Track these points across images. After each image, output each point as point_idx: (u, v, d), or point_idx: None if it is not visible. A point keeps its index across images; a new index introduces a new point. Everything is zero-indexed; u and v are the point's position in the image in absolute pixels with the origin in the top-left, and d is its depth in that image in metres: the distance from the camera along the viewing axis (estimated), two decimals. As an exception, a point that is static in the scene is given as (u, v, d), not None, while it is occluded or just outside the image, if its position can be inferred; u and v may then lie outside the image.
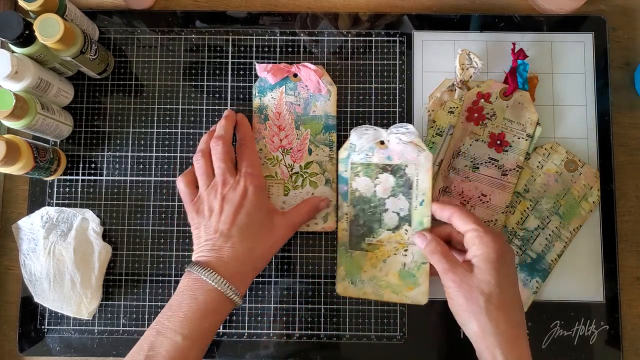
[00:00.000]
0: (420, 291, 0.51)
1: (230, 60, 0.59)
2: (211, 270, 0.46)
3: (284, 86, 0.55)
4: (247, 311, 0.56)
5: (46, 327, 0.55)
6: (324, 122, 0.55)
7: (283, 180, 0.54)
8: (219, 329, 0.55)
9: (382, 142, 0.51)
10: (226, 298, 0.46)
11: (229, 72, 0.59)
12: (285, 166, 0.54)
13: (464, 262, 0.46)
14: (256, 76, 0.59)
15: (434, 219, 0.50)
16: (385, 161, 0.51)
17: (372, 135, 0.50)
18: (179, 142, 0.58)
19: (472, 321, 0.43)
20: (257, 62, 0.55)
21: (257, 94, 0.56)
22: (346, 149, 0.52)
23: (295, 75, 0.55)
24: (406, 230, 0.51)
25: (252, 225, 0.49)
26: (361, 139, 0.51)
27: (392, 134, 0.50)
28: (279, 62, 0.56)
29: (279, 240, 0.51)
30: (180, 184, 0.52)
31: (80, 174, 0.58)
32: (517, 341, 0.43)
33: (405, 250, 0.51)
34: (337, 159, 0.53)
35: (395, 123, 0.56)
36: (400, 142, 0.50)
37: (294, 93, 0.55)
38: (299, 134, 0.55)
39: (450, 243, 0.50)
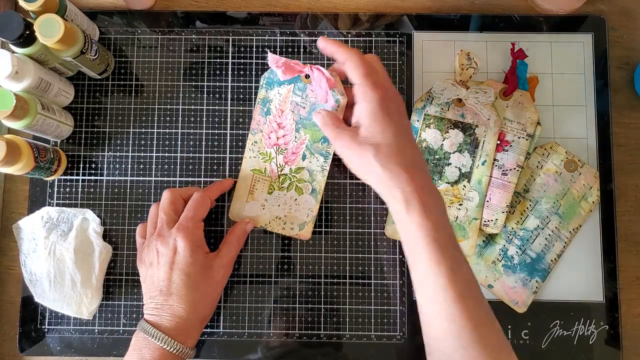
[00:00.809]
0: (468, 244, 0.54)
1: (230, 60, 0.59)
2: (156, 330, 0.47)
3: (293, 84, 0.53)
4: (247, 311, 0.56)
5: (46, 327, 0.56)
6: None
7: (270, 178, 0.54)
8: (219, 328, 0.55)
9: (459, 100, 0.54)
10: (174, 354, 0.47)
11: (229, 72, 0.59)
12: (276, 165, 0.54)
13: (353, 126, 0.46)
14: (256, 75, 0.59)
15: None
16: (458, 118, 0.54)
17: (452, 90, 0.54)
18: (179, 142, 0.58)
19: (369, 174, 0.44)
20: (270, 52, 0.52)
21: (264, 85, 0.54)
22: (422, 100, 0.54)
23: (307, 77, 0.53)
24: (464, 186, 0.54)
25: (189, 282, 0.48)
26: (444, 91, 0.54)
27: (471, 93, 0.53)
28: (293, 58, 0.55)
29: (220, 283, 0.52)
30: (137, 235, 0.55)
31: (81, 174, 0.58)
32: (414, 179, 0.42)
33: (460, 205, 0.54)
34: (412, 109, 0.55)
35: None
36: (477, 103, 0.53)
37: (302, 94, 0.53)
38: (298, 137, 0.53)
39: None
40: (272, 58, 0.50)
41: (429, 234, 0.40)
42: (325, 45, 0.47)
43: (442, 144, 0.55)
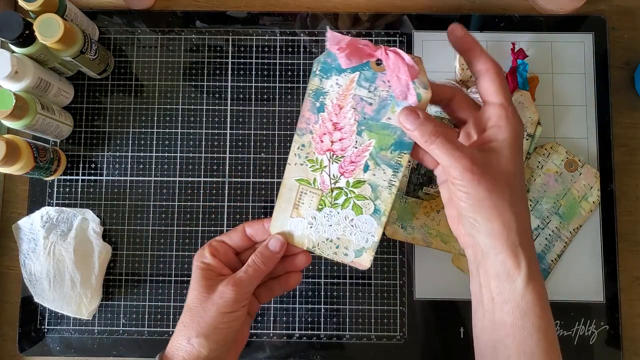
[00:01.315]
0: None
1: (230, 60, 0.59)
2: None
3: (358, 72, 0.39)
4: (247, 311, 0.56)
5: (46, 327, 0.55)
6: (398, 136, 0.39)
7: (321, 191, 0.42)
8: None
9: None
10: None
11: (229, 72, 0.59)
12: (329, 176, 0.42)
13: (474, 145, 0.37)
14: (256, 75, 0.59)
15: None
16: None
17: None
18: (179, 142, 0.58)
19: (494, 219, 0.35)
20: (330, 29, 0.38)
21: (318, 72, 0.39)
22: None
23: (378, 63, 0.39)
24: None
25: (192, 310, 0.41)
26: None
27: (471, 93, 0.51)
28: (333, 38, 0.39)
29: (227, 305, 0.40)
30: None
31: (80, 174, 0.58)
32: (530, 235, 0.37)
33: None
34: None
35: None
36: (479, 101, 0.50)
37: (369, 86, 0.39)
38: (359, 142, 0.40)
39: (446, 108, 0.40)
40: (332, 37, 0.37)
41: (545, 312, 0.37)
42: (459, 39, 0.38)
43: None
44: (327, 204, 0.42)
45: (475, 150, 0.36)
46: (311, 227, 0.43)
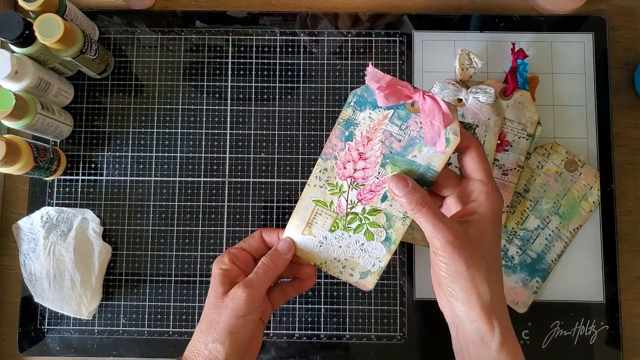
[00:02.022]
0: None
1: (230, 60, 0.59)
2: None
3: (392, 110, 0.41)
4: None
5: (46, 327, 0.55)
6: (421, 173, 0.41)
7: (336, 214, 0.43)
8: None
9: (459, 100, 0.52)
10: None
11: (229, 72, 0.59)
12: (346, 200, 0.43)
13: (455, 218, 0.39)
14: (256, 75, 0.59)
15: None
16: (458, 118, 0.48)
17: (452, 91, 0.52)
18: (179, 142, 0.58)
19: (470, 291, 0.38)
20: (372, 65, 0.39)
21: (352, 103, 0.41)
22: None
23: (413, 104, 0.41)
24: None
25: (208, 316, 0.42)
26: (443, 91, 0.51)
27: (471, 93, 0.51)
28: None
29: (241, 308, 0.41)
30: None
31: (80, 174, 0.58)
32: (505, 306, 0.39)
33: None
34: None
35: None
36: (477, 103, 0.51)
37: (400, 124, 0.41)
38: (382, 174, 0.42)
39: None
40: (373, 73, 0.39)
41: None
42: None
43: None
44: (340, 226, 0.43)
45: (457, 224, 0.38)
46: (321, 246, 0.44)
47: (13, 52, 0.50)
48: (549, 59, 0.58)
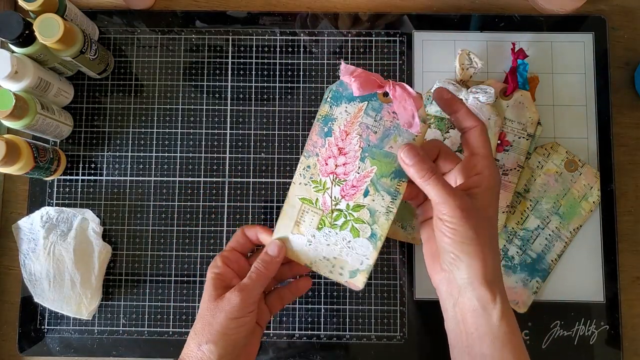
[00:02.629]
0: None
1: (230, 60, 0.59)
2: None
3: (366, 102, 0.42)
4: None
5: (46, 327, 0.55)
6: (398, 165, 0.42)
7: (322, 211, 0.44)
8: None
9: None
10: None
11: (229, 72, 0.59)
12: (330, 197, 0.44)
13: (460, 188, 0.40)
14: (256, 75, 0.59)
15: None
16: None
17: (453, 90, 0.52)
18: (179, 142, 0.58)
19: (475, 256, 0.38)
20: (344, 62, 0.42)
21: (329, 99, 0.42)
22: (423, 100, 0.47)
23: (385, 95, 0.42)
24: None
25: (202, 319, 0.42)
26: None
27: (471, 93, 0.52)
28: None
29: (234, 311, 0.41)
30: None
31: (80, 174, 0.58)
32: (501, 277, 0.41)
33: None
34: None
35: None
36: (478, 103, 0.52)
37: (375, 115, 0.42)
38: (362, 168, 0.43)
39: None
40: (345, 68, 0.41)
41: (519, 342, 0.39)
42: (446, 101, 0.42)
43: None
44: (326, 224, 0.44)
45: (464, 193, 0.39)
46: (310, 244, 0.44)
47: (13, 52, 0.50)
48: (549, 59, 0.58)
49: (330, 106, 0.43)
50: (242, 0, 0.61)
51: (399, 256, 0.56)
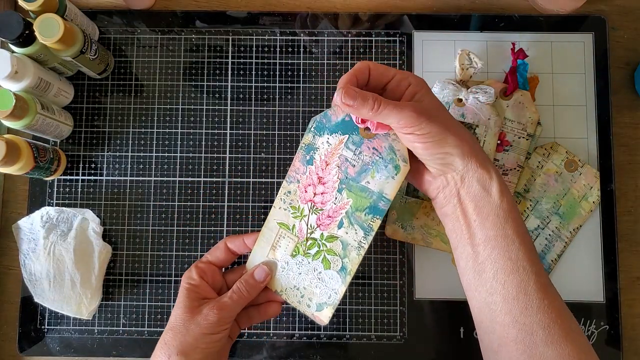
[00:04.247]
0: None
1: (230, 60, 0.59)
2: None
3: (347, 135, 0.43)
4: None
5: (46, 327, 0.55)
6: (374, 201, 0.43)
7: (297, 238, 0.45)
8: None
9: (459, 100, 0.53)
10: None
11: (229, 72, 0.59)
12: (306, 225, 0.45)
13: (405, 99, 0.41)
14: (256, 75, 0.59)
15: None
16: (458, 118, 0.52)
17: (452, 91, 0.53)
18: (179, 142, 0.58)
19: (461, 141, 0.39)
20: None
21: (312, 129, 0.43)
22: None
23: (365, 129, 0.43)
24: None
25: (175, 329, 0.43)
26: (443, 91, 0.52)
27: (471, 93, 0.52)
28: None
29: (210, 327, 0.42)
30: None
31: (80, 174, 0.58)
32: (488, 157, 0.42)
33: None
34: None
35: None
36: (477, 103, 0.52)
37: (355, 149, 0.43)
38: (338, 199, 0.44)
39: None
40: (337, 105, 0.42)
41: (519, 224, 0.40)
42: (341, 103, 0.40)
43: None
44: (300, 251, 0.45)
45: (410, 101, 0.40)
46: (283, 271, 0.45)
47: (13, 52, 0.50)
48: (549, 59, 0.58)
49: (314, 136, 0.44)
50: (242, 0, 0.61)
51: (399, 256, 0.56)
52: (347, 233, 0.44)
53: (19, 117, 0.49)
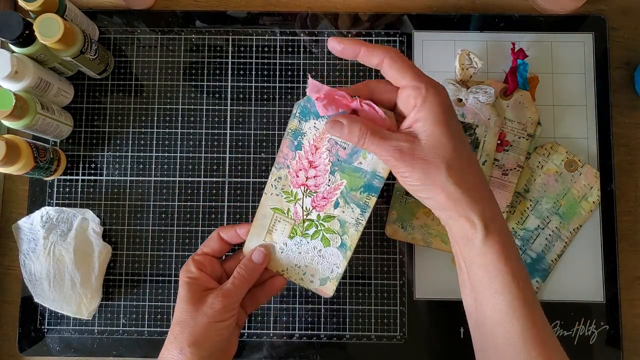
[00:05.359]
0: None
1: (230, 60, 0.59)
2: None
3: None
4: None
5: (46, 327, 0.55)
6: (368, 180, 0.43)
7: (294, 221, 0.45)
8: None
9: (460, 100, 0.53)
10: None
11: (229, 72, 0.59)
12: (302, 208, 0.45)
13: (404, 130, 0.38)
14: (256, 75, 0.59)
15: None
16: (458, 118, 0.51)
17: (452, 91, 0.53)
18: (179, 142, 0.58)
19: (438, 194, 0.37)
20: (311, 78, 0.40)
21: (297, 114, 0.42)
22: None
23: (354, 112, 0.41)
24: None
25: (182, 323, 0.43)
26: None
27: (471, 93, 0.52)
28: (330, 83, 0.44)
29: (217, 315, 0.42)
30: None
31: (80, 174, 0.58)
32: (487, 197, 0.39)
33: None
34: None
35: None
36: (478, 103, 0.52)
37: None
38: (332, 181, 0.44)
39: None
40: (312, 85, 0.40)
41: (509, 267, 0.38)
42: (343, 47, 0.38)
43: None
44: (298, 233, 0.45)
45: (401, 136, 0.37)
46: (282, 252, 0.46)
47: (13, 52, 0.50)
48: (549, 59, 0.58)
49: (299, 121, 0.43)
50: (242, 0, 0.61)
51: (399, 256, 0.56)
52: (343, 212, 0.44)
53: (19, 117, 0.49)
